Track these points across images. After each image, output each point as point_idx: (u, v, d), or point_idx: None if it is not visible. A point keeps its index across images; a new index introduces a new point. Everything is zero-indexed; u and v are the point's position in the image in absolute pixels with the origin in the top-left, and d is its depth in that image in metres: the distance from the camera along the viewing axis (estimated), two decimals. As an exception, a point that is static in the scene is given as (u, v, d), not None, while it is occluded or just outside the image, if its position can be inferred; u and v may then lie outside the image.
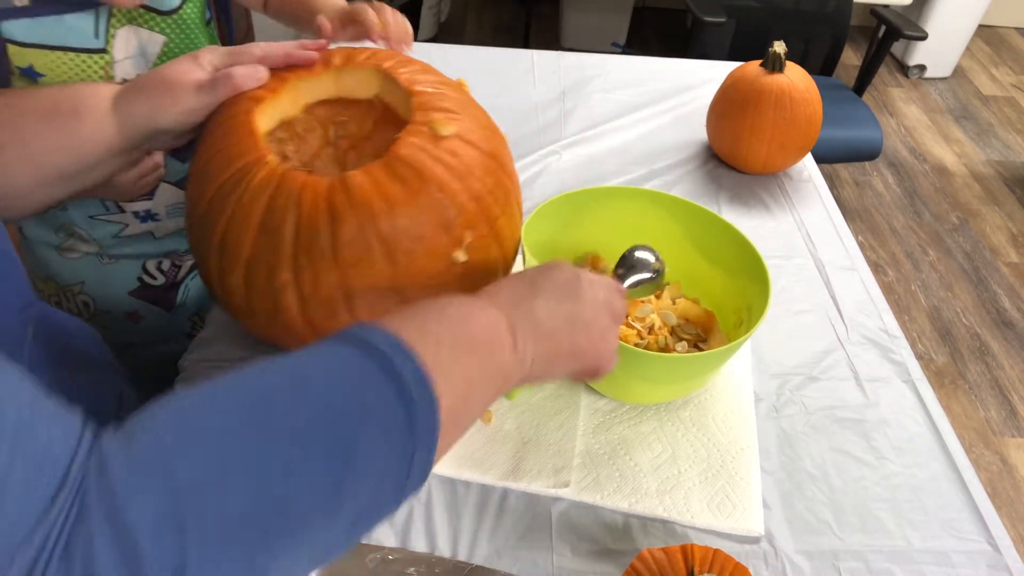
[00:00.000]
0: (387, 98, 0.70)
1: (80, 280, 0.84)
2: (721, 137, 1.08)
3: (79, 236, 0.82)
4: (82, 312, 0.85)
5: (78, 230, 0.82)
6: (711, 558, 0.52)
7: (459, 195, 0.61)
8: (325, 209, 0.57)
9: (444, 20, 3.29)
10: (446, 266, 0.60)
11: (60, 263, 0.83)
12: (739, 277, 0.74)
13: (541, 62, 1.32)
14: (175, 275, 0.88)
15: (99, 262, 0.84)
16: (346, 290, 0.59)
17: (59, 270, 0.83)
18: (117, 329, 0.87)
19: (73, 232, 0.82)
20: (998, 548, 0.63)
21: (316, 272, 0.58)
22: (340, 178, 0.58)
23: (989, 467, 1.74)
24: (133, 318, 0.88)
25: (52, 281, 0.85)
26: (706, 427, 0.70)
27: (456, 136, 0.63)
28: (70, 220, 0.81)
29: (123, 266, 0.85)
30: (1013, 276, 2.28)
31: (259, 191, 0.58)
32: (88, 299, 0.85)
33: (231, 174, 0.60)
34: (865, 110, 2.07)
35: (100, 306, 0.86)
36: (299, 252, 0.57)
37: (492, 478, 0.64)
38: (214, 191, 0.60)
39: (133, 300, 0.87)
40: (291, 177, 0.58)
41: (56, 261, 0.83)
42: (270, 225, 0.57)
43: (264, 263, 0.58)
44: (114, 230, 0.83)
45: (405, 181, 0.58)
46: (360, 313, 0.60)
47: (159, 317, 0.89)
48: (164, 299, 0.89)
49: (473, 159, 0.63)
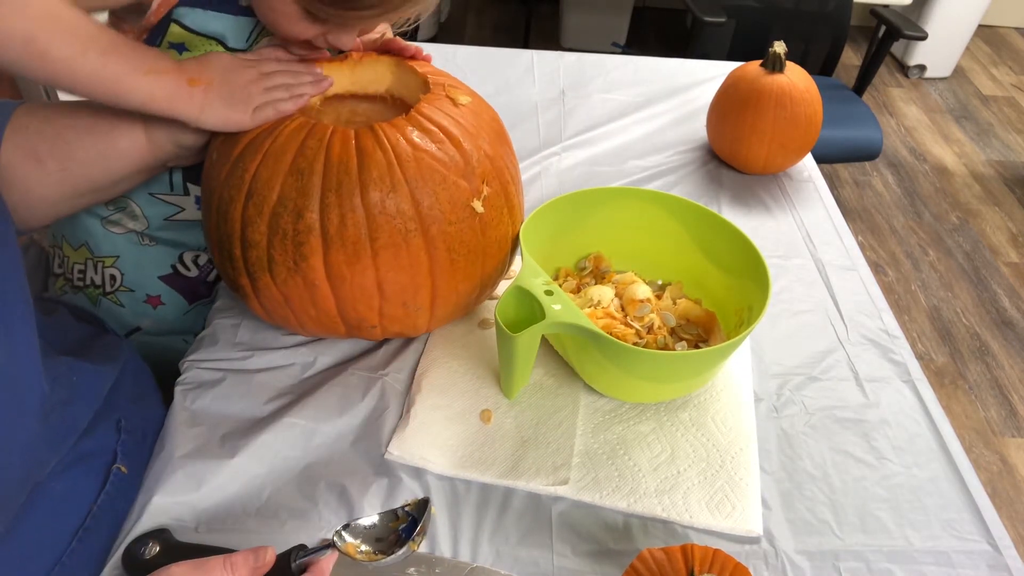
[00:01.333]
0: (399, 92, 0.75)
1: (116, 254, 0.85)
2: (721, 137, 1.08)
3: (130, 212, 0.82)
4: (104, 284, 0.86)
5: (133, 205, 0.82)
6: (711, 558, 0.52)
7: (476, 150, 0.66)
8: (354, 150, 0.61)
9: (444, 20, 3.29)
10: (467, 213, 0.65)
11: (101, 234, 0.83)
12: (740, 277, 0.74)
13: (541, 62, 1.32)
14: (208, 271, 0.89)
15: (139, 242, 0.84)
16: (372, 230, 0.62)
17: (98, 240, 0.84)
18: (133, 309, 0.88)
19: (126, 207, 0.82)
20: (998, 548, 0.63)
21: (343, 212, 0.61)
22: (369, 126, 0.63)
23: (989, 467, 1.73)
24: (153, 302, 0.88)
25: (85, 248, 0.85)
26: (705, 427, 0.70)
27: (471, 106, 0.69)
28: (128, 195, 0.81)
29: (160, 251, 0.86)
30: (1013, 276, 2.28)
31: (291, 137, 0.62)
32: (116, 273, 0.85)
33: (263, 129, 0.64)
34: (865, 110, 2.07)
35: (126, 283, 0.86)
36: (327, 191, 0.61)
37: (491, 476, 0.64)
38: (246, 143, 0.64)
39: (160, 284, 0.87)
40: (321, 126, 0.63)
41: (97, 232, 0.83)
42: (300, 165, 0.61)
43: (292, 205, 0.61)
44: (168, 212, 0.83)
45: (428, 132, 0.64)
46: (384, 256, 0.63)
47: (178, 308, 0.89)
48: (190, 291, 0.89)
49: (487, 126, 0.69)
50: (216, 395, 0.70)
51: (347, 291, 0.64)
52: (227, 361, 0.73)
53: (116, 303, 0.87)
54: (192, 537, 0.59)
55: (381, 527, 0.51)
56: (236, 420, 0.68)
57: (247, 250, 0.64)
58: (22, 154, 0.65)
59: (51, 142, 0.66)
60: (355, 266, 0.63)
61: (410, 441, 0.66)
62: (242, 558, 0.49)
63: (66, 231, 0.85)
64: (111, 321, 0.87)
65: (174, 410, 0.69)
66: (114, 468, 0.62)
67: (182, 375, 0.72)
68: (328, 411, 0.69)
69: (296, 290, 0.64)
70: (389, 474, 0.65)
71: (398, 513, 0.52)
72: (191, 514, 0.61)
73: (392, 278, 0.64)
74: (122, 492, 0.62)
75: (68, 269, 0.87)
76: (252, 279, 0.65)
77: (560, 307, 0.62)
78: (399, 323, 0.70)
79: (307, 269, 0.63)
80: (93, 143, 0.67)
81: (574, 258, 0.83)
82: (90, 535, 0.59)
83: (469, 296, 0.71)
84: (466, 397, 0.71)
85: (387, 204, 0.61)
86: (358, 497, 0.63)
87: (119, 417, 0.65)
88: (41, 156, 0.65)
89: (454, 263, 0.66)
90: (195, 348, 0.75)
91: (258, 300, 0.67)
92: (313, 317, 0.67)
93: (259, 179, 0.62)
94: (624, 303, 0.76)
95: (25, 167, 0.65)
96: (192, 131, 0.67)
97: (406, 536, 0.50)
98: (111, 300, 0.86)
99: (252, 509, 0.62)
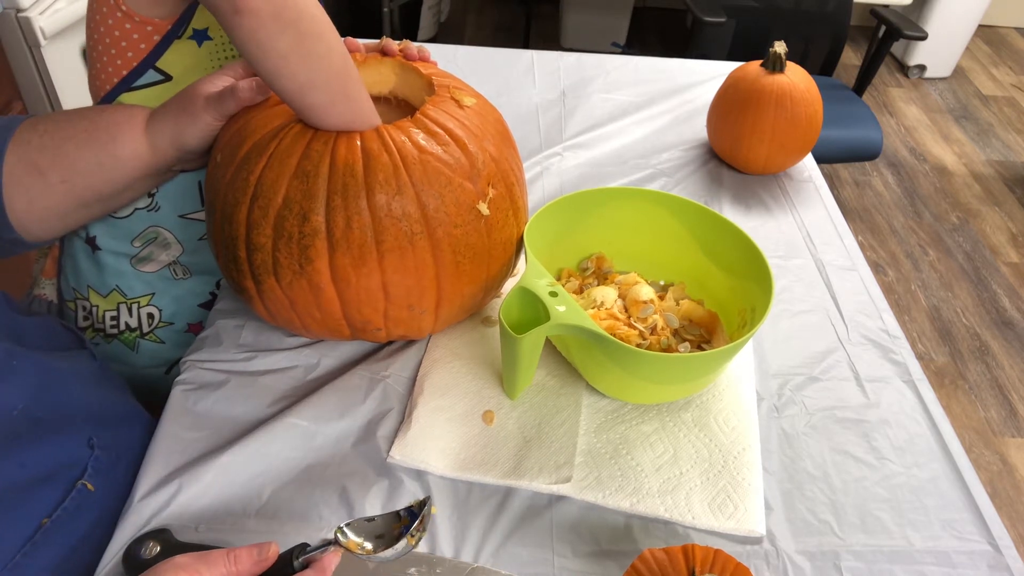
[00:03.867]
0: (403, 93, 0.75)
1: (150, 292, 0.83)
2: (721, 137, 1.08)
3: (162, 242, 0.81)
4: (142, 324, 0.84)
5: (164, 233, 0.81)
6: (712, 558, 0.52)
7: (482, 152, 0.66)
8: (360, 153, 0.61)
9: (444, 20, 3.29)
10: (473, 215, 0.65)
11: (131, 274, 0.82)
12: (743, 278, 0.74)
13: (541, 62, 1.32)
14: None
15: (172, 276, 0.83)
16: (377, 233, 0.62)
17: (129, 281, 0.82)
18: (174, 342, 0.85)
19: (156, 237, 0.81)
20: (999, 548, 0.63)
21: (348, 215, 0.61)
22: (374, 129, 0.63)
23: (989, 467, 1.74)
24: (195, 329, 0.86)
25: (116, 293, 0.83)
26: (708, 427, 0.70)
27: (475, 108, 0.69)
28: (157, 222, 0.80)
29: (197, 281, 0.84)
30: (1013, 276, 2.28)
31: (296, 139, 0.62)
32: (154, 311, 0.84)
33: (269, 130, 0.64)
34: (865, 110, 2.07)
35: (165, 317, 0.84)
36: (333, 193, 0.61)
37: (493, 477, 0.64)
38: (251, 146, 0.63)
39: (201, 311, 0.86)
40: (326, 131, 0.63)
41: (127, 272, 0.82)
42: (306, 168, 0.61)
43: (297, 208, 0.61)
44: (201, 231, 0.82)
45: (434, 135, 0.64)
46: (389, 259, 0.63)
47: None
48: None
49: (492, 128, 0.69)
50: (219, 397, 0.70)
51: (352, 294, 0.64)
52: (231, 363, 0.73)
53: (156, 341, 0.85)
54: (192, 537, 0.59)
55: (383, 525, 0.52)
56: (238, 422, 0.68)
57: (252, 253, 0.64)
58: (24, 167, 0.65)
59: (52, 154, 0.66)
60: (360, 269, 0.63)
61: (412, 445, 0.66)
62: (246, 552, 0.50)
63: (91, 279, 0.83)
64: (151, 361, 0.85)
65: (173, 409, 0.69)
66: (79, 484, 0.60)
67: (182, 374, 0.72)
68: (330, 412, 0.69)
69: (301, 293, 0.64)
70: (390, 475, 0.65)
71: (400, 515, 0.52)
72: (191, 514, 0.61)
73: (397, 281, 0.64)
74: (83, 510, 0.60)
75: (98, 319, 0.84)
76: (257, 282, 0.65)
77: (564, 308, 0.62)
78: (404, 326, 0.70)
79: (312, 272, 0.63)
80: (94, 154, 0.67)
81: (576, 259, 0.83)
82: (37, 550, 0.56)
83: (474, 298, 0.71)
84: (468, 398, 0.71)
85: (393, 207, 0.61)
86: (359, 498, 0.63)
87: (91, 435, 0.63)
88: (43, 168, 0.66)
89: (459, 265, 0.66)
90: (197, 348, 0.75)
91: (263, 303, 0.67)
92: (318, 320, 0.67)
93: (264, 182, 0.62)
94: (627, 304, 0.76)
95: (28, 180, 0.66)
96: (194, 134, 0.67)
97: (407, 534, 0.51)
98: (150, 339, 0.85)
99: (252, 509, 0.62)
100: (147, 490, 0.62)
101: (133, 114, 0.68)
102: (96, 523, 0.61)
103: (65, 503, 0.58)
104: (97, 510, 0.61)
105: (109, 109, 0.70)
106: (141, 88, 0.74)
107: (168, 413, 0.68)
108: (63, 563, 0.58)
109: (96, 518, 0.61)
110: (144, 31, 0.71)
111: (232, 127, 0.66)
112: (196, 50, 0.74)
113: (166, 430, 0.67)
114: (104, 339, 0.85)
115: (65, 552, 0.58)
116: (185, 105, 0.67)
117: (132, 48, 0.72)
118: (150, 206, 0.80)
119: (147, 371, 0.86)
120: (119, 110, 0.69)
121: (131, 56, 0.72)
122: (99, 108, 0.71)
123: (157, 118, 0.68)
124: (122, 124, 0.67)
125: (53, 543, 0.57)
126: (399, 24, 2.87)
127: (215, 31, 0.74)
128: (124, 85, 0.73)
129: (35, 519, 0.57)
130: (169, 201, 0.80)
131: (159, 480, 0.63)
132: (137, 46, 0.72)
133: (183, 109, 0.67)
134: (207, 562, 0.48)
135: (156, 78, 0.74)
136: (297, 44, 0.57)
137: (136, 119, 0.68)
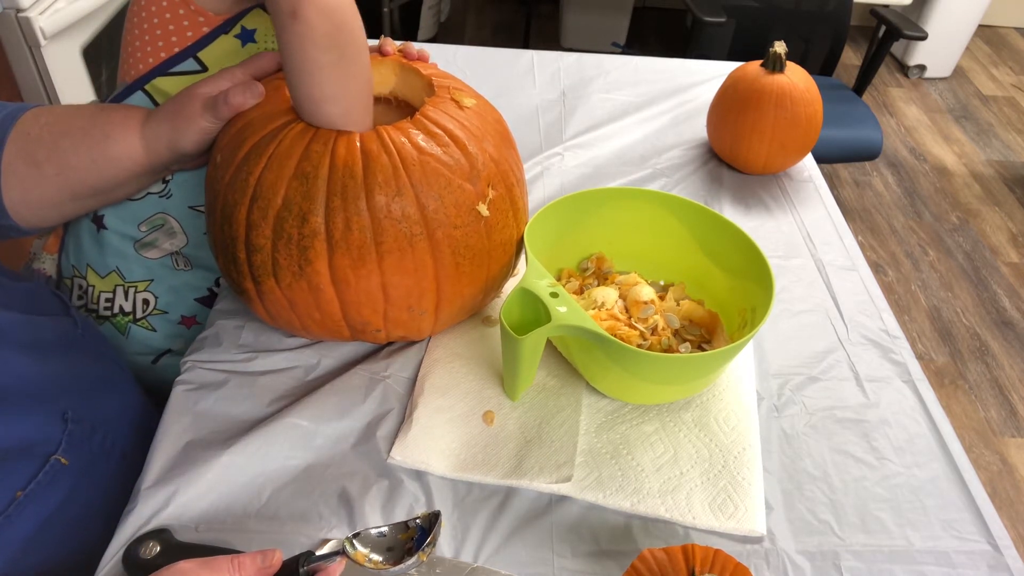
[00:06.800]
0: (403, 94, 0.75)
1: (149, 278, 0.83)
2: (721, 137, 1.08)
3: (168, 230, 0.81)
4: (136, 309, 0.84)
5: (172, 221, 0.81)
6: (712, 558, 0.53)
7: (481, 153, 0.66)
8: (359, 154, 0.61)
9: (444, 20, 3.29)
10: (473, 217, 0.65)
11: (133, 258, 0.82)
12: (743, 279, 0.74)
13: (541, 62, 1.32)
14: None
15: (174, 266, 0.83)
16: (377, 234, 0.62)
17: (130, 265, 0.82)
18: (165, 332, 0.86)
19: (163, 224, 0.81)
20: (999, 548, 0.63)
21: (348, 216, 0.61)
22: (374, 130, 0.63)
23: (989, 467, 1.74)
24: (187, 323, 0.86)
25: (115, 275, 0.83)
26: (708, 427, 0.70)
27: (475, 108, 0.70)
28: (166, 209, 0.80)
29: (197, 275, 0.84)
30: (1013, 276, 2.28)
31: (296, 140, 0.62)
32: (149, 297, 0.84)
33: (268, 132, 0.64)
34: (865, 110, 2.07)
35: (160, 306, 0.84)
36: (332, 195, 0.61)
37: (494, 478, 0.64)
38: (250, 147, 0.63)
39: (196, 305, 0.86)
40: (326, 131, 0.63)
41: (130, 256, 0.82)
42: (305, 169, 0.61)
43: (297, 209, 0.61)
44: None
45: (433, 135, 0.64)
46: (389, 260, 0.63)
47: None
48: None
49: (492, 129, 0.69)
50: (219, 397, 0.70)
51: (352, 295, 0.64)
52: (230, 363, 0.73)
53: (147, 328, 0.85)
54: (192, 537, 0.59)
55: (391, 538, 0.52)
56: (239, 422, 0.68)
57: (251, 254, 0.64)
58: (23, 158, 0.67)
59: (49, 148, 0.67)
60: (360, 270, 0.63)
61: (412, 445, 0.66)
62: (250, 559, 0.50)
63: (92, 258, 0.83)
64: (140, 348, 0.85)
65: (174, 409, 0.69)
66: (53, 459, 0.60)
67: (182, 374, 0.72)
68: (330, 413, 0.69)
69: (301, 294, 0.64)
70: (390, 476, 0.65)
71: (408, 525, 0.52)
72: (191, 514, 0.61)
73: (397, 282, 0.64)
74: (57, 482, 0.61)
75: (92, 299, 0.84)
76: (256, 283, 0.65)
77: (566, 309, 0.62)
78: (403, 327, 0.70)
79: (312, 273, 0.63)
80: (87, 150, 0.68)
81: (576, 259, 0.83)
82: (11, 522, 0.57)
83: (474, 299, 0.71)
84: (469, 398, 0.71)
85: (392, 208, 0.61)
86: (359, 498, 0.63)
87: (65, 408, 0.63)
88: (39, 161, 0.67)
89: (459, 267, 0.66)
90: (197, 348, 0.75)
91: (262, 304, 0.67)
92: (317, 321, 0.67)
93: (264, 183, 0.62)
94: (628, 304, 0.76)
95: (24, 170, 0.67)
96: (190, 138, 0.67)
97: (416, 548, 0.50)
98: (141, 326, 0.84)
99: (252, 510, 0.62)
100: (147, 490, 0.62)
101: (130, 114, 0.69)
102: (70, 494, 0.62)
103: (39, 477, 0.59)
104: (71, 481, 0.62)
105: (110, 108, 0.70)
106: (176, 75, 0.74)
107: (168, 413, 0.68)
108: (38, 534, 0.59)
109: (70, 489, 0.62)
110: (195, 20, 0.72)
111: (232, 128, 0.66)
112: (238, 49, 0.74)
113: (166, 430, 0.67)
114: (96, 320, 0.85)
115: (40, 523, 0.59)
116: (182, 108, 0.67)
117: (178, 34, 0.72)
118: (163, 192, 0.80)
119: (134, 358, 0.86)
120: (119, 109, 0.70)
121: (174, 41, 0.73)
122: (101, 106, 0.71)
123: (154, 120, 0.68)
124: (117, 124, 0.67)
125: (28, 515, 0.58)
126: (399, 24, 2.87)
127: (261, 36, 0.74)
128: (161, 69, 0.73)
129: (9, 491, 0.58)
130: (182, 190, 0.80)
131: (159, 480, 0.63)
132: (184, 33, 0.72)
133: (179, 112, 0.67)
134: (211, 568, 0.48)
135: (193, 67, 0.74)
136: (337, 61, 0.60)
137: (132, 120, 0.68)
